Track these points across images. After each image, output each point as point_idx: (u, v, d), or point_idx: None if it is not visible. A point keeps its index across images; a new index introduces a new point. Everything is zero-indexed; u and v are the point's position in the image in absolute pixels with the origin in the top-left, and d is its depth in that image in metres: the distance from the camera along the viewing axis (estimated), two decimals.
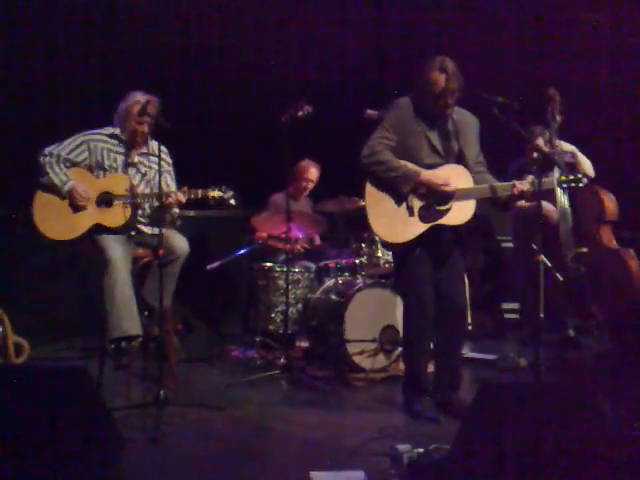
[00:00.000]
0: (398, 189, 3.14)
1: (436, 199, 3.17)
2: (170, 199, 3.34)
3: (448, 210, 3.16)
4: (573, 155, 4.27)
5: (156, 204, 3.42)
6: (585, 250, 4.16)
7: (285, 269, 4.14)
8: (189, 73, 5.55)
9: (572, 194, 4.24)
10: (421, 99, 3.19)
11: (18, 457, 2.11)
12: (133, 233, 3.50)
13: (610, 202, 4.25)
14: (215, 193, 3.40)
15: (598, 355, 4.14)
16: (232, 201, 3.43)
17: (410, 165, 3.17)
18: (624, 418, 2.52)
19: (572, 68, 5.47)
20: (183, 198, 3.37)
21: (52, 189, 3.43)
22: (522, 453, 2.13)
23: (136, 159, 3.57)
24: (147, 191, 3.52)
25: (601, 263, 4.14)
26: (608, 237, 4.22)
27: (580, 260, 4.11)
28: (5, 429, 2.15)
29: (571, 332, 4.52)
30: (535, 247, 4.33)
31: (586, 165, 4.31)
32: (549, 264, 3.85)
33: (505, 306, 5.40)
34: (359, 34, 5.96)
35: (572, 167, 4.19)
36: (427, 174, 3.15)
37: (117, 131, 3.56)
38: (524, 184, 3.11)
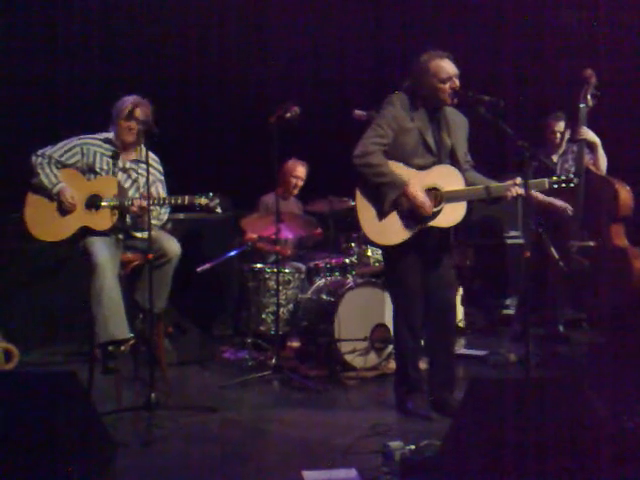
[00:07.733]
0: (384, 195, 3.11)
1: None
2: (133, 207, 3.37)
3: (439, 212, 3.14)
4: (594, 147, 4.12)
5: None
6: (592, 244, 4.01)
7: (275, 270, 4.14)
8: (180, 75, 5.54)
9: (586, 184, 4.04)
10: (418, 94, 3.16)
11: (8, 463, 2.10)
12: (121, 236, 3.49)
13: (626, 197, 4.00)
14: (201, 200, 3.40)
15: (590, 351, 4.13)
16: (218, 209, 3.44)
17: (401, 169, 3.13)
18: (615, 412, 2.54)
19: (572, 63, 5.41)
20: (144, 203, 3.35)
21: (42, 190, 3.43)
22: (513, 449, 2.13)
23: (127, 165, 3.56)
24: (137, 196, 3.51)
25: (605, 259, 3.97)
26: (618, 234, 4.00)
27: (585, 253, 3.99)
28: None
29: (560, 327, 4.54)
30: (524, 242, 4.36)
31: (603, 164, 4.17)
32: (556, 255, 3.81)
33: (495, 302, 5.42)
34: (351, 34, 5.94)
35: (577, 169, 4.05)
36: (413, 188, 3.09)
37: (111, 136, 3.55)
38: (519, 189, 3.05)
